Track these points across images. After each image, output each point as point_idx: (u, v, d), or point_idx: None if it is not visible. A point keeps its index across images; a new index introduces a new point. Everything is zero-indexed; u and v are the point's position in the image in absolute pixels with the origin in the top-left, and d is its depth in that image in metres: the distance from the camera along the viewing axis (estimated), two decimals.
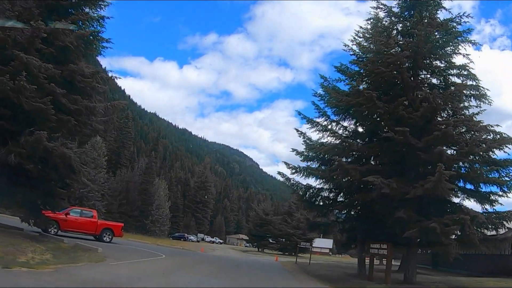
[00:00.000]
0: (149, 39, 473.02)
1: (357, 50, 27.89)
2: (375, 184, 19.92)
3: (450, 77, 24.50)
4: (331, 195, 28.99)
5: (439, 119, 22.63)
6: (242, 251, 78.69)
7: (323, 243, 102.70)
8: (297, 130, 28.27)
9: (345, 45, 28.14)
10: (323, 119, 28.07)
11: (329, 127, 27.86)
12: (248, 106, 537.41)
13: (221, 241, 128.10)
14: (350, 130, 28.10)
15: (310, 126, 27.96)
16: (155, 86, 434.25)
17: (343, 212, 29.93)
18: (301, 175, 27.25)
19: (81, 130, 21.94)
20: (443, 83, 24.43)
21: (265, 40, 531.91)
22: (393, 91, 23.08)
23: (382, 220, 22.02)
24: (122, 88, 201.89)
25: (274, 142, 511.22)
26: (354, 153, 26.12)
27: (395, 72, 22.20)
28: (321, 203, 28.99)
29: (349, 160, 25.88)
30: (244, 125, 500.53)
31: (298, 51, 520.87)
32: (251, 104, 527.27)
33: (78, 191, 39.76)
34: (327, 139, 27.55)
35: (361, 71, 26.88)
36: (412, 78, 23.29)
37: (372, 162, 25.52)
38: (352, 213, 28.94)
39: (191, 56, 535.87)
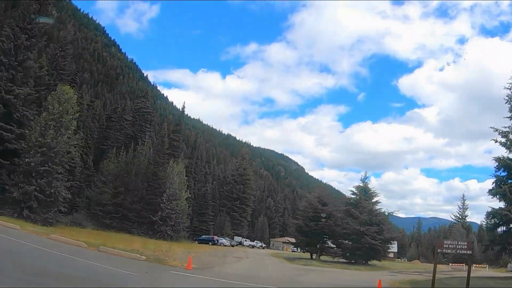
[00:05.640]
0: (192, 51, 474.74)
1: None
2: None
3: None
4: None
5: None
6: (288, 259, 52.48)
7: None
8: None
9: None
10: None
11: None
12: (291, 112, 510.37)
13: (264, 245, 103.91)
14: None
15: None
16: (199, 96, 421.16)
17: None
18: None
19: None
20: None
21: (305, 47, 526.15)
22: None
23: None
24: (165, 95, 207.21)
25: (318, 146, 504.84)
26: None
27: None
28: None
29: None
30: (288, 131, 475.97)
31: (338, 56, 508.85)
32: (294, 110, 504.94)
33: None
34: None
35: None
36: None
37: None
38: None
39: (233, 66, 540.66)
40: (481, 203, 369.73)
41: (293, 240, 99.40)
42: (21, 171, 39.52)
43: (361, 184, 59.77)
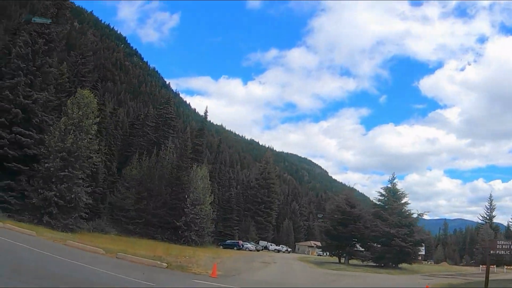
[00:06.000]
0: (213, 59, 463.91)
1: None
2: None
3: None
4: None
5: None
6: (316, 264, 50.16)
7: None
8: None
9: None
10: None
11: None
12: (313, 116, 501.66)
13: (289, 249, 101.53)
14: None
15: None
16: (221, 103, 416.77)
17: None
18: None
19: None
20: None
21: (325, 51, 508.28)
22: None
23: None
24: (187, 102, 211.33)
25: (341, 150, 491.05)
26: None
27: None
28: None
29: None
30: (310, 135, 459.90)
31: (359, 59, 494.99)
32: (316, 114, 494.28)
33: None
34: None
35: None
36: None
37: None
38: None
39: (255, 72, 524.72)
40: (506, 204, 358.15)
41: (318, 243, 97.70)
42: (41, 177, 38.47)
43: (389, 185, 57.36)
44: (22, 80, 39.21)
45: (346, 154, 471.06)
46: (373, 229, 52.44)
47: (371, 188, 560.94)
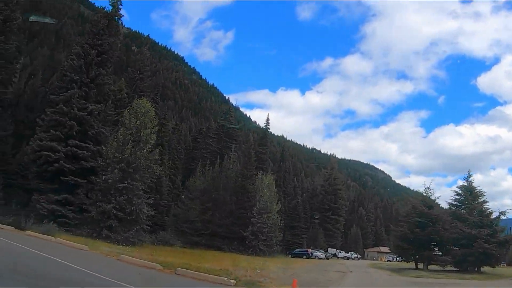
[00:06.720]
0: (270, 72, 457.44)
1: None
2: None
3: None
4: None
5: None
6: (394, 271, 44.30)
7: None
8: None
9: None
10: None
11: None
12: (373, 121, 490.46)
13: (358, 256, 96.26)
14: None
15: None
16: (281, 114, 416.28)
17: None
18: None
19: None
20: None
21: (380, 56, 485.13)
22: None
23: None
24: (248, 115, 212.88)
25: (402, 154, 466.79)
26: None
27: None
28: None
29: None
30: (371, 141, 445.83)
31: (414, 62, 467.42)
32: (376, 120, 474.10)
33: None
34: None
35: None
36: None
37: None
38: None
39: (312, 82, 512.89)
40: None
41: (387, 249, 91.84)
42: (99, 189, 36.39)
43: (465, 183, 51.61)
44: (76, 92, 37.65)
45: (407, 157, 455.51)
46: (452, 230, 46.89)
47: (435, 190, 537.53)
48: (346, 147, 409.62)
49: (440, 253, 50.02)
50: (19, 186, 39.23)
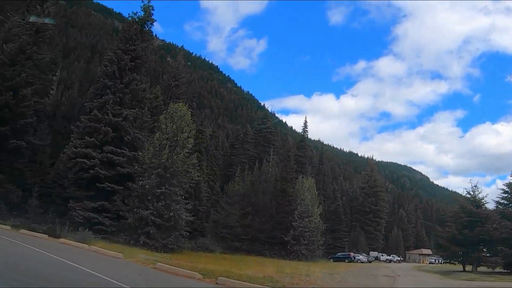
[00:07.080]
0: (304, 77, 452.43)
1: None
2: None
3: None
4: None
5: None
6: (442, 274, 42.40)
7: None
8: None
9: None
10: None
11: None
12: (409, 123, 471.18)
13: (400, 258, 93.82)
14: None
15: None
16: (316, 119, 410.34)
17: None
18: None
19: None
20: None
21: (413, 57, 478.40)
22: None
23: None
24: (284, 121, 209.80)
25: (439, 154, 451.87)
26: None
27: None
28: None
29: None
30: (407, 142, 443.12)
31: (447, 61, 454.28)
32: (412, 121, 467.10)
33: None
34: None
35: None
36: None
37: None
38: None
39: (346, 86, 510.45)
40: None
41: (429, 251, 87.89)
42: (136, 195, 35.28)
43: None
44: (111, 98, 36.69)
45: (445, 158, 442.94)
46: (502, 230, 43.53)
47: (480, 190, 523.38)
48: (383, 149, 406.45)
49: (488, 254, 46.65)
50: (56, 195, 38.52)
